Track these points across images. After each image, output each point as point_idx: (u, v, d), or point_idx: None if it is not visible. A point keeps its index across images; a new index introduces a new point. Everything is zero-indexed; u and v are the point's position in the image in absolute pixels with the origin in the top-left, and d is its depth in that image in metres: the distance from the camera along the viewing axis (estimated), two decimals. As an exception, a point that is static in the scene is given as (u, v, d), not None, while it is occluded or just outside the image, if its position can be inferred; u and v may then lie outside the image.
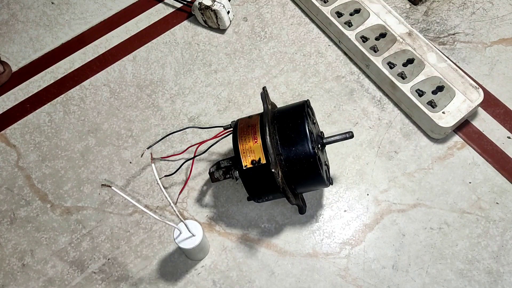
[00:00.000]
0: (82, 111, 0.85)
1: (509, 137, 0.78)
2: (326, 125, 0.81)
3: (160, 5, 0.96)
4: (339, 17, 0.86)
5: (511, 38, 0.87)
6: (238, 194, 0.76)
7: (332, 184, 0.70)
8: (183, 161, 0.77)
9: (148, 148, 0.78)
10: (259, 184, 0.64)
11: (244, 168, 0.63)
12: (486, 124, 0.79)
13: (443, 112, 0.76)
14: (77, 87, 0.88)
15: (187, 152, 0.79)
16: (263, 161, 0.63)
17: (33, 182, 0.79)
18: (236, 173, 0.66)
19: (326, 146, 0.70)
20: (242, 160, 0.63)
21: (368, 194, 0.75)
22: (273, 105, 0.70)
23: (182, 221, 0.62)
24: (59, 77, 0.89)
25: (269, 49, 0.89)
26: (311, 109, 0.69)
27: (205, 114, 0.83)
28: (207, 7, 0.87)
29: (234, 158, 0.68)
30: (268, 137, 0.61)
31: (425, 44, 0.82)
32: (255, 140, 0.64)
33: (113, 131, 0.83)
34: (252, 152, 0.63)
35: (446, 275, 0.68)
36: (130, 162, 0.80)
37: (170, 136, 0.80)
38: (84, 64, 0.90)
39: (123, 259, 0.72)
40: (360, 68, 0.86)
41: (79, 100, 0.86)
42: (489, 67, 0.84)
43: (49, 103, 0.86)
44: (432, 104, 0.77)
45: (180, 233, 0.64)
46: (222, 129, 0.72)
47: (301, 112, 0.64)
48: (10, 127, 0.85)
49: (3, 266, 0.73)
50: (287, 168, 0.63)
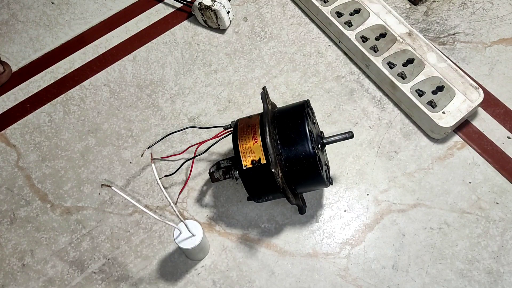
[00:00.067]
0: (82, 111, 0.85)
1: (509, 137, 0.78)
2: (326, 125, 0.81)
3: (160, 5, 0.96)
4: (339, 17, 0.86)
5: (511, 38, 0.87)
6: (238, 194, 0.76)
7: (332, 184, 0.70)
8: (183, 161, 0.77)
9: (148, 148, 0.78)
10: (259, 184, 0.64)
11: (244, 168, 0.63)
12: (486, 124, 0.79)
13: (443, 112, 0.76)
14: (77, 87, 0.88)
15: (187, 152, 0.79)
16: (263, 161, 0.63)
17: (33, 182, 0.79)
18: (236, 173, 0.66)
19: (326, 146, 0.70)
20: (242, 160, 0.63)
21: (368, 194, 0.75)
22: (273, 105, 0.70)
23: (182, 221, 0.62)
24: (59, 77, 0.89)
25: (269, 49, 0.89)
26: (311, 109, 0.69)
27: (205, 114, 0.83)
28: (207, 7, 0.87)
29: (234, 158, 0.68)
30: (268, 137, 0.61)
31: (425, 44, 0.82)
32: (255, 140, 0.64)
33: (113, 131, 0.83)
34: (252, 152, 0.63)
35: (446, 275, 0.68)
36: (130, 162, 0.80)
37: (170, 136, 0.80)
38: (84, 64, 0.90)
39: (123, 259, 0.72)
40: (360, 68, 0.86)
41: (79, 100, 0.86)
42: (489, 67, 0.84)
43: (49, 103, 0.86)
44: (432, 104, 0.77)
45: (180, 233, 0.64)
46: (222, 129, 0.72)
47: (301, 112, 0.64)
48: (10, 127, 0.85)
49: (3, 266, 0.73)
50: (287, 168, 0.63)
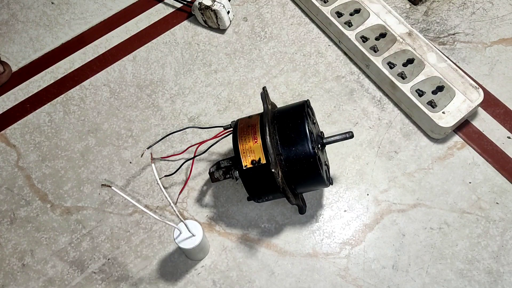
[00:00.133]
0: (82, 111, 0.85)
1: (509, 137, 0.78)
2: (326, 125, 0.81)
3: (160, 5, 0.96)
4: (339, 17, 0.86)
5: (511, 38, 0.87)
6: (238, 194, 0.76)
7: (332, 184, 0.70)
8: (183, 161, 0.77)
9: (148, 148, 0.78)
10: (259, 184, 0.64)
11: (244, 168, 0.63)
12: (486, 124, 0.79)
13: (443, 112, 0.76)
14: (77, 87, 0.88)
15: (187, 152, 0.78)
16: (263, 161, 0.63)
17: (33, 182, 0.79)
18: (236, 173, 0.66)
19: (326, 146, 0.70)
20: (242, 160, 0.63)
21: (368, 194, 0.75)
22: (273, 105, 0.70)
23: (182, 221, 0.62)
24: (59, 77, 0.89)
25: (269, 49, 0.89)
26: (311, 109, 0.69)
27: (205, 114, 0.83)
28: (207, 7, 0.87)
29: (234, 158, 0.68)
30: (268, 137, 0.61)
31: (425, 44, 0.82)
32: (255, 140, 0.64)
33: (113, 131, 0.83)
34: (252, 152, 0.63)
35: (446, 275, 0.68)
36: (130, 162, 0.80)
37: (170, 136, 0.80)
38: (84, 64, 0.90)
39: (123, 259, 0.72)
40: (360, 68, 0.86)
41: (79, 100, 0.86)
42: (489, 67, 0.84)
43: (49, 103, 0.86)
44: (432, 104, 0.77)
45: (180, 233, 0.64)
46: (222, 129, 0.72)
47: (301, 112, 0.64)
48: (10, 127, 0.85)
49: (3, 266, 0.73)
50: (287, 168, 0.63)
